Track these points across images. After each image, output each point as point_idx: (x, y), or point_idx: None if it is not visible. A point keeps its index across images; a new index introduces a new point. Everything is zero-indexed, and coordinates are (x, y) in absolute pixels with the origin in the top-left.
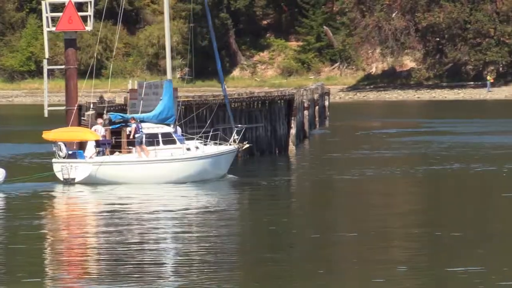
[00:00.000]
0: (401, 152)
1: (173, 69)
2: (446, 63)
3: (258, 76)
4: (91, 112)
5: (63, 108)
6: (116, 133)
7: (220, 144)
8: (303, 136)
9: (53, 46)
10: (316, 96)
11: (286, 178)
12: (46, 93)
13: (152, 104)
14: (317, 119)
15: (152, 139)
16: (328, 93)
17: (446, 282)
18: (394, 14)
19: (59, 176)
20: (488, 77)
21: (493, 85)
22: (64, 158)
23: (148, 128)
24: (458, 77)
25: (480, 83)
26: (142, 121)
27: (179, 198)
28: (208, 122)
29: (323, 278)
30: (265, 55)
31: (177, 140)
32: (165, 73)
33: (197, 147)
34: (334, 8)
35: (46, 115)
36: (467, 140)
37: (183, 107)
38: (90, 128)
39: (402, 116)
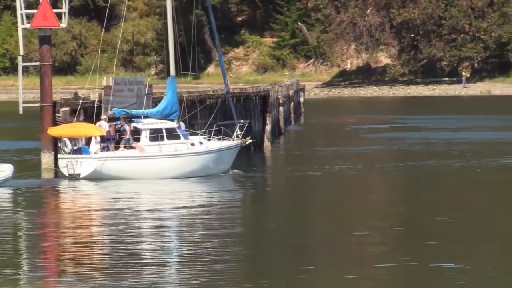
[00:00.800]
0: (376, 148)
1: (148, 65)
2: (421, 59)
3: (233, 72)
4: (65, 108)
5: (38, 105)
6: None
7: (223, 139)
8: (278, 132)
9: (27, 43)
10: (291, 92)
11: (261, 175)
12: (21, 90)
13: (126, 100)
14: (292, 115)
15: (156, 134)
16: (303, 90)
17: (425, 278)
18: (368, 10)
19: (64, 171)
20: (464, 73)
21: (468, 81)
22: (69, 154)
23: (152, 123)
24: (433, 73)
25: (455, 79)
26: (146, 116)
27: (182, 193)
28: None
29: (305, 275)
30: (240, 51)
31: (181, 135)
32: (139, 69)
33: (201, 142)
34: (308, 5)
35: (21, 112)
36: (442, 136)
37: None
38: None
39: (377, 112)
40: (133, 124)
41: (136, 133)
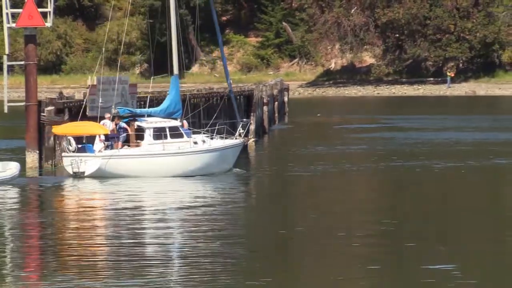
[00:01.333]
0: (360, 148)
1: (133, 64)
2: (405, 59)
3: (217, 72)
4: (50, 107)
5: (23, 104)
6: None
7: (226, 138)
8: (262, 131)
9: (13, 42)
10: (275, 91)
11: (245, 174)
12: (6, 89)
13: (111, 99)
14: (276, 114)
15: (160, 133)
16: (287, 89)
17: (408, 279)
18: (353, 10)
19: (69, 170)
20: (448, 73)
21: (453, 81)
22: (73, 152)
23: (156, 122)
24: (418, 73)
25: (440, 79)
26: (149, 115)
27: (185, 191)
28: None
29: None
30: (224, 51)
31: (184, 134)
32: (123, 69)
33: (204, 141)
34: (293, 4)
35: (6, 111)
36: (425, 136)
37: (142, 102)
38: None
39: (361, 112)
40: (136, 123)
41: (140, 131)
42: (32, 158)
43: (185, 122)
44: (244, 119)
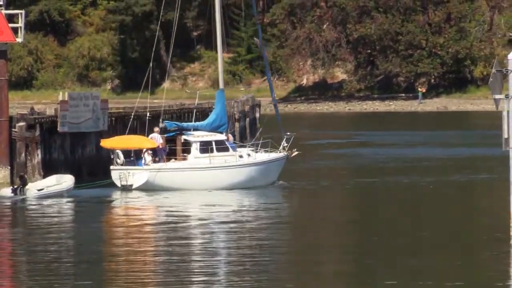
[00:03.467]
0: (331, 163)
1: (104, 80)
2: (377, 75)
3: (188, 87)
4: (22, 123)
5: None
6: (171, 141)
7: (270, 151)
8: None
9: None
10: (247, 108)
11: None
12: None
13: (82, 115)
14: (248, 131)
15: (206, 147)
16: (259, 105)
17: None
18: (325, 26)
19: (117, 183)
20: (419, 89)
21: (424, 96)
22: (121, 165)
23: (202, 136)
24: (390, 88)
25: (411, 94)
26: (195, 129)
27: (231, 204)
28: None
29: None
30: (196, 66)
31: (230, 148)
32: (94, 84)
33: (248, 154)
34: (264, 20)
35: None
36: (395, 152)
37: (113, 118)
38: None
39: (332, 127)
40: (183, 137)
41: (186, 145)
42: (3, 174)
43: (230, 135)
44: (288, 133)
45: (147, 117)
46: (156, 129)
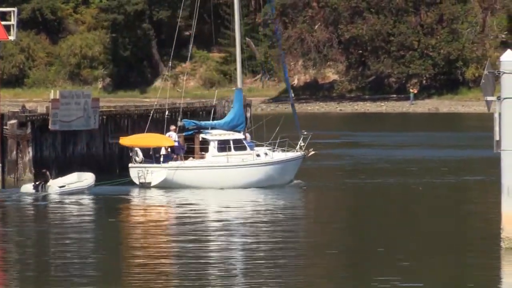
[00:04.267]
0: (322, 164)
1: (95, 79)
2: (369, 76)
3: (180, 87)
4: (13, 121)
5: None
6: (189, 139)
7: (287, 150)
8: None
9: None
10: None
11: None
12: None
13: (73, 113)
14: None
15: (224, 145)
16: (249, 105)
17: None
18: (316, 26)
19: (136, 180)
20: (411, 90)
21: (416, 97)
22: (140, 163)
23: (220, 134)
24: (381, 89)
25: (403, 95)
26: (213, 127)
27: (248, 203)
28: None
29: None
30: (187, 66)
31: (247, 147)
32: (86, 83)
33: (266, 154)
34: (256, 20)
35: None
36: (385, 153)
37: (104, 116)
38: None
39: (324, 128)
40: (201, 135)
41: (204, 143)
42: None
43: (247, 135)
44: (305, 132)
45: (166, 115)
46: (173, 127)
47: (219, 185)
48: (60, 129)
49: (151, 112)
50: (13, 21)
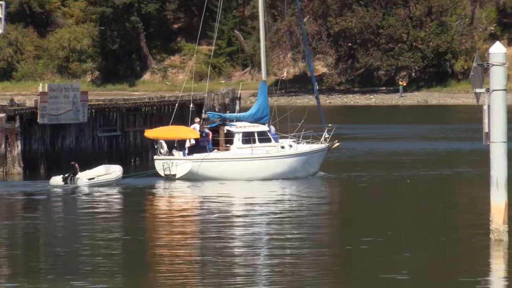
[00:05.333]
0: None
1: (84, 72)
2: (358, 68)
3: (169, 80)
4: (2, 115)
5: None
6: (213, 131)
7: (312, 142)
8: None
9: None
10: (227, 100)
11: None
12: None
13: (62, 107)
14: None
15: (248, 138)
16: (239, 98)
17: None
18: (305, 19)
19: (161, 173)
20: (400, 82)
21: (405, 90)
22: (165, 155)
23: (245, 127)
24: (370, 82)
25: (392, 88)
26: (238, 120)
27: (273, 195)
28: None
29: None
30: (176, 59)
31: (272, 139)
32: (74, 76)
33: (290, 146)
34: (245, 13)
35: None
36: (375, 146)
37: (93, 110)
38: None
39: (313, 121)
40: (226, 127)
41: (229, 136)
42: None
43: (272, 127)
44: (329, 124)
45: (191, 108)
46: (197, 119)
47: (243, 177)
48: (49, 123)
49: (176, 105)
50: (1, 14)
